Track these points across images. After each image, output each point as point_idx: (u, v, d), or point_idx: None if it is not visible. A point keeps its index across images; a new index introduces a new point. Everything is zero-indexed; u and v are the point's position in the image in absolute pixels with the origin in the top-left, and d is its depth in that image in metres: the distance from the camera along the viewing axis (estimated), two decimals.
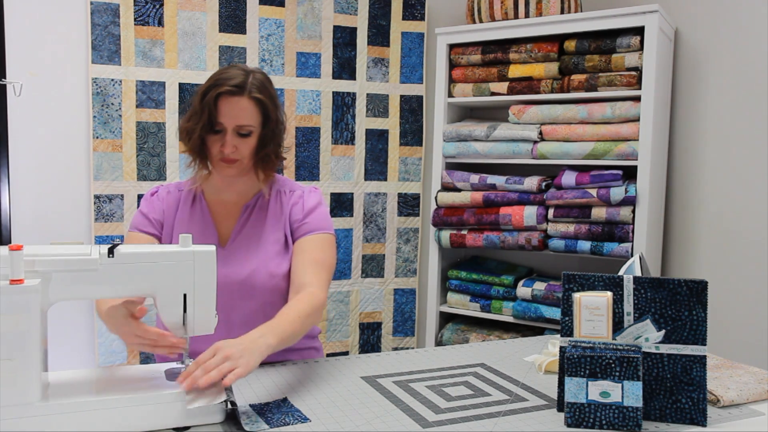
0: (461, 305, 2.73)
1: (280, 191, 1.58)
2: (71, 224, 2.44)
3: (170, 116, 2.51)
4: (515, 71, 2.55)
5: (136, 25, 2.44)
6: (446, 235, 2.66)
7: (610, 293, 1.18)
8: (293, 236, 1.53)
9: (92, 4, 2.38)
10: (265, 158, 1.51)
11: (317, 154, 2.74)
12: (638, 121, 2.28)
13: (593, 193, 2.33)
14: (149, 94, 2.48)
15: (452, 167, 2.73)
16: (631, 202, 2.27)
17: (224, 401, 1.12)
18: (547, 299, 2.48)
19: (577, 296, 1.18)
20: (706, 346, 1.16)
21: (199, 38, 2.54)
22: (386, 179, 2.87)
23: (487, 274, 2.66)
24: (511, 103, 2.62)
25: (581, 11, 2.57)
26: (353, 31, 2.77)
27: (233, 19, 2.58)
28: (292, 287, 1.46)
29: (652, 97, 2.25)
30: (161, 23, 2.48)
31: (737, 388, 1.27)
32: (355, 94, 2.78)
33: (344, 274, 2.82)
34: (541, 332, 2.51)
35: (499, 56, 2.57)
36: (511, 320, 2.60)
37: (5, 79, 2.26)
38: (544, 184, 2.47)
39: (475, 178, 2.59)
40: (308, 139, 2.72)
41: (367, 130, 2.82)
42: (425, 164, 2.91)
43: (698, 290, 1.17)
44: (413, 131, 2.89)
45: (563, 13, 2.47)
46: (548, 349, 1.50)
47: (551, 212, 2.44)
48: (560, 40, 2.47)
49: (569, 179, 2.38)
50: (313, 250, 1.49)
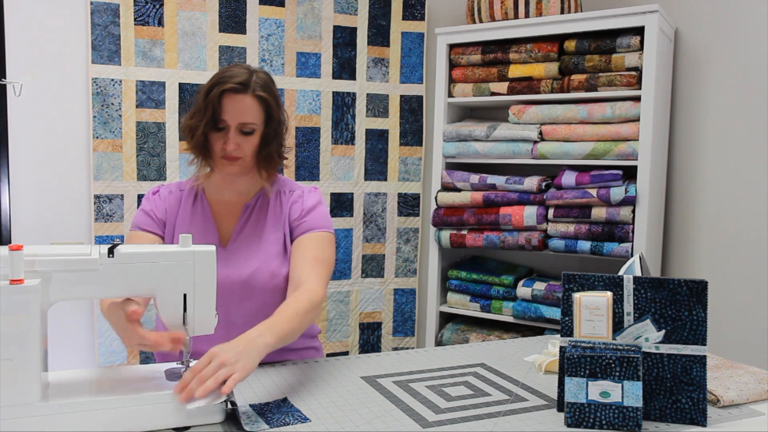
0: (461, 305, 2.73)
1: (280, 191, 1.58)
2: (71, 224, 2.44)
3: (170, 116, 2.51)
4: (515, 71, 2.55)
5: (136, 25, 2.44)
6: (446, 235, 2.66)
7: (610, 293, 1.18)
8: (292, 235, 1.53)
9: (92, 4, 2.38)
10: (267, 157, 1.52)
11: (317, 154, 2.74)
12: (638, 121, 2.29)
13: (593, 193, 2.33)
14: (149, 94, 2.48)
15: (452, 167, 2.73)
16: (631, 202, 2.27)
17: (224, 401, 1.12)
18: (547, 299, 2.48)
19: (577, 296, 1.18)
20: (706, 346, 1.16)
21: (199, 38, 2.54)
22: (386, 179, 2.87)
23: (487, 274, 2.66)
24: (511, 103, 2.62)
25: (581, 11, 2.57)
26: (353, 31, 2.77)
27: (233, 19, 2.58)
28: (290, 284, 1.45)
29: (652, 97, 2.25)
30: (161, 23, 2.48)
31: (737, 388, 1.27)
32: (355, 94, 2.78)
33: (344, 274, 2.82)
34: (541, 332, 2.51)
35: (499, 56, 2.57)
36: (511, 320, 2.60)
37: (5, 79, 2.26)
38: (544, 184, 2.47)
39: (475, 178, 2.59)
40: (308, 139, 2.72)
41: (367, 130, 2.82)
42: (425, 164, 2.91)
43: (698, 290, 1.17)
44: (413, 131, 2.89)
45: (563, 13, 2.47)
46: (548, 349, 1.50)
47: (551, 212, 2.44)
48: (560, 40, 2.47)
49: (569, 179, 2.38)
50: (312, 247, 1.48)
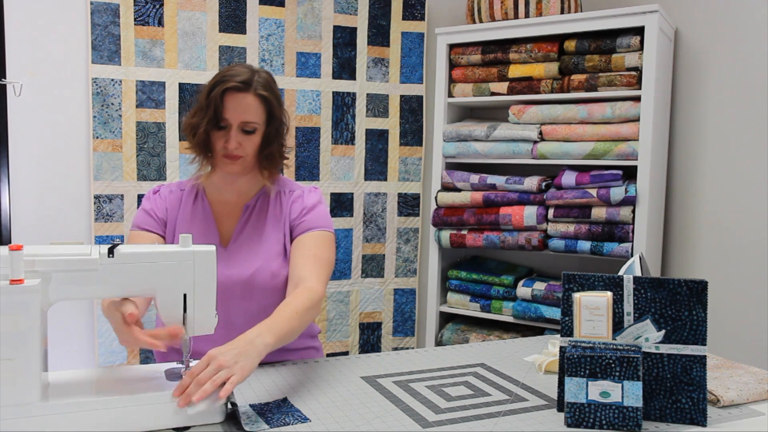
0: (461, 305, 2.73)
1: (280, 191, 1.58)
2: (71, 224, 2.44)
3: (170, 116, 2.51)
4: (515, 71, 2.55)
5: (136, 25, 2.44)
6: (446, 235, 2.66)
7: (610, 293, 1.18)
8: (292, 234, 1.53)
9: (92, 4, 2.38)
10: (269, 156, 1.52)
11: (317, 154, 2.74)
12: (638, 121, 2.28)
13: (593, 193, 2.33)
14: (149, 94, 2.48)
15: (452, 167, 2.73)
16: (631, 202, 2.27)
17: (225, 402, 1.12)
18: (547, 299, 2.48)
19: (577, 296, 1.18)
20: (706, 346, 1.16)
21: (199, 38, 2.54)
22: (386, 179, 2.87)
23: (487, 274, 2.66)
24: (511, 103, 2.62)
25: (581, 11, 2.57)
26: (353, 31, 2.77)
27: (233, 19, 2.58)
28: (290, 282, 1.45)
29: (652, 97, 2.25)
30: (161, 23, 2.48)
31: (737, 388, 1.27)
32: (355, 94, 2.78)
33: (344, 274, 2.82)
34: (541, 332, 2.51)
35: (499, 56, 2.57)
36: (511, 320, 2.60)
37: (5, 79, 2.26)
38: (544, 184, 2.47)
39: (475, 178, 2.59)
40: (308, 139, 2.72)
41: (367, 130, 2.82)
42: (425, 164, 2.91)
43: (698, 290, 1.17)
44: (413, 131, 2.89)
45: (563, 13, 2.47)
46: (548, 349, 1.50)
47: (551, 212, 2.44)
48: (560, 40, 2.47)
49: (569, 179, 2.38)
50: (312, 246, 1.48)
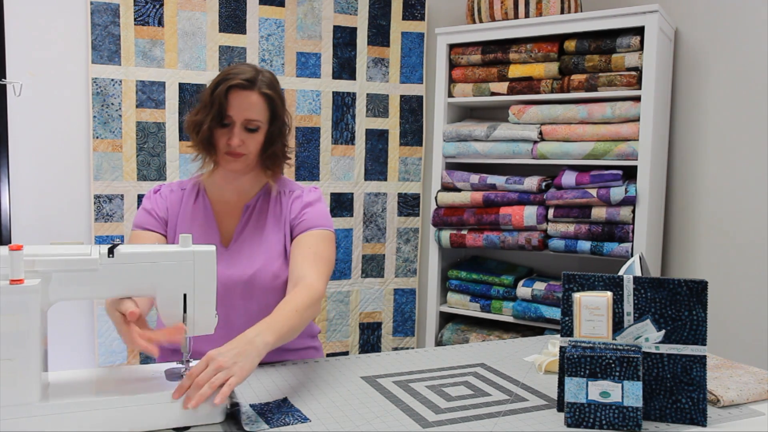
0: (461, 305, 2.73)
1: (280, 192, 1.59)
2: (71, 224, 2.44)
3: (170, 116, 2.51)
4: (515, 71, 2.55)
5: (136, 25, 2.44)
6: (446, 235, 2.66)
7: (610, 293, 1.18)
8: (292, 233, 1.53)
9: (92, 4, 2.38)
10: (273, 156, 1.53)
11: (317, 154, 2.74)
12: (638, 121, 2.28)
13: (593, 193, 2.33)
14: (149, 94, 2.48)
15: (452, 167, 2.73)
16: (631, 202, 2.27)
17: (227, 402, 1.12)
18: (547, 299, 2.47)
19: (577, 296, 1.18)
20: (706, 346, 1.16)
21: (199, 38, 2.54)
22: (386, 179, 2.87)
23: (487, 274, 2.66)
24: (511, 103, 2.62)
25: (581, 11, 2.57)
26: (353, 31, 2.77)
27: (233, 19, 2.58)
28: (290, 281, 1.45)
29: (652, 97, 2.25)
30: (161, 23, 2.48)
31: (737, 388, 1.27)
32: (355, 94, 2.78)
33: (344, 274, 2.82)
34: (541, 332, 2.51)
35: (499, 56, 2.57)
36: (511, 320, 2.60)
37: (5, 79, 2.26)
38: (544, 184, 2.47)
39: (475, 178, 2.59)
40: (308, 139, 2.72)
41: (367, 130, 2.82)
42: (425, 164, 2.91)
43: (698, 290, 1.17)
44: (413, 131, 2.89)
45: (563, 13, 2.47)
46: (548, 349, 1.50)
47: (551, 212, 2.44)
48: (560, 40, 2.47)
49: (569, 179, 2.38)
50: (311, 244, 1.49)
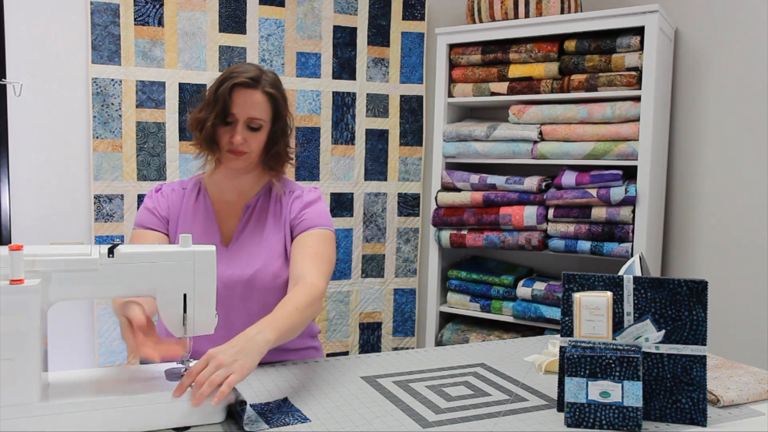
0: (461, 305, 2.72)
1: (280, 192, 1.59)
2: (71, 224, 2.44)
3: (170, 116, 2.51)
4: (515, 71, 2.55)
5: (136, 25, 2.44)
6: (446, 235, 2.66)
7: (610, 293, 1.18)
8: (293, 233, 1.54)
9: (92, 4, 2.38)
10: (276, 156, 1.54)
11: (317, 154, 2.74)
12: (638, 121, 2.28)
13: (593, 193, 2.33)
14: (149, 94, 2.48)
15: (452, 167, 2.73)
16: (631, 202, 2.27)
17: (234, 400, 1.12)
18: (547, 299, 2.47)
19: (577, 296, 1.18)
20: (706, 346, 1.16)
21: (199, 38, 2.54)
22: (386, 179, 2.87)
23: (487, 274, 2.66)
24: (511, 103, 2.62)
25: (581, 11, 2.57)
26: (353, 31, 2.77)
27: (233, 19, 2.58)
28: (290, 280, 1.45)
29: (652, 97, 2.25)
30: (161, 23, 2.48)
31: (737, 388, 1.27)
32: (355, 94, 2.78)
33: (344, 274, 2.82)
34: (541, 332, 2.51)
35: (499, 56, 2.57)
36: (511, 320, 2.60)
37: (5, 79, 2.26)
38: (544, 184, 2.47)
39: (475, 178, 2.59)
40: (308, 139, 2.72)
41: (367, 130, 2.82)
42: (425, 164, 2.91)
43: (698, 290, 1.17)
44: (413, 131, 2.89)
45: (563, 13, 2.47)
46: (548, 349, 1.50)
47: (551, 212, 2.44)
48: (560, 40, 2.47)
49: (569, 179, 2.38)
50: (312, 244, 1.49)
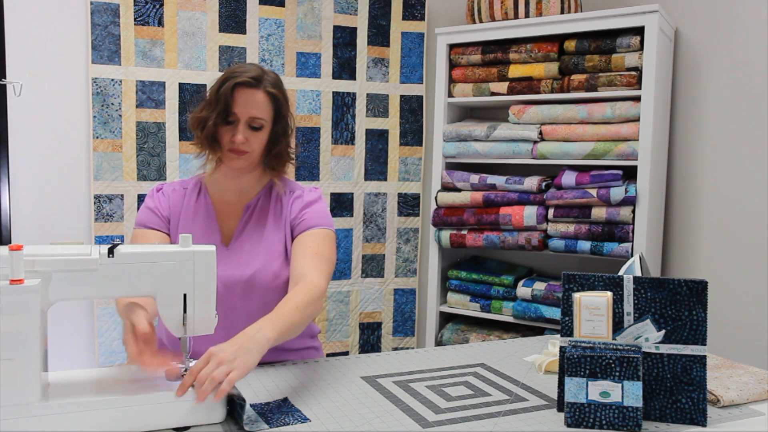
0: (461, 305, 2.72)
1: (280, 192, 1.59)
2: (71, 224, 2.44)
3: (170, 116, 2.51)
4: (515, 71, 2.55)
5: (136, 25, 2.44)
6: (446, 235, 2.66)
7: (610, 293, 1.18)
8: (293, 233, 1.54)
9: (92, 4, 2.38)
10: (278, 156, 1.55)
11: (317, 154, 2.74)
12: (638, 121, 2.28)
13: (593, 193, 2.33)
14: (149, 94, 2.48)
15: (452, 167, 2.73)
16: (631, 202, 2.27)
17: (235, 396, 1.13)
18: (547, 299, 2.47)
19: (577, 296, 1.18)
20: (706, 346, 1.16)
21: (199, 38, 2.54)
22: (386, 179, 2.87)
23: (487, 274, 2.66)
24: (511, 103, 2.62)
25: (581, 11, 2.57)
26: (353, 31, 2.77)
27: (233, 19, 2.58)
28: (291, 280, 1.45)
29: (652, 97, 2.25)
30: (161, 23, 2.48)
31: (737, 388, 1.27)
32: (355, 94, 2.78)
33: (344, 274, 2.82)
34: (541, 332, 2.51)
35: (499, 56, 2.57)
36: (511, 320, 2.60)
37: (5, 79, 2.26)
38: (544, 184, 2.47)
39: (475, 178, 2.59)
40: (308, 139, 2.72)
41: (367, 130, 2.82)
42: (425, 164, 2.91)
43: (698, 290, 1.17)
44: (413, 131, 2.89)
45: (563, 13, 2.47)
46: (548, 349, 1.50)
47: (551, 212, 2.44)
48: (560, 40, 2.47)
49: (569, 179, 2.38)
50: (312, 243, 1.50)
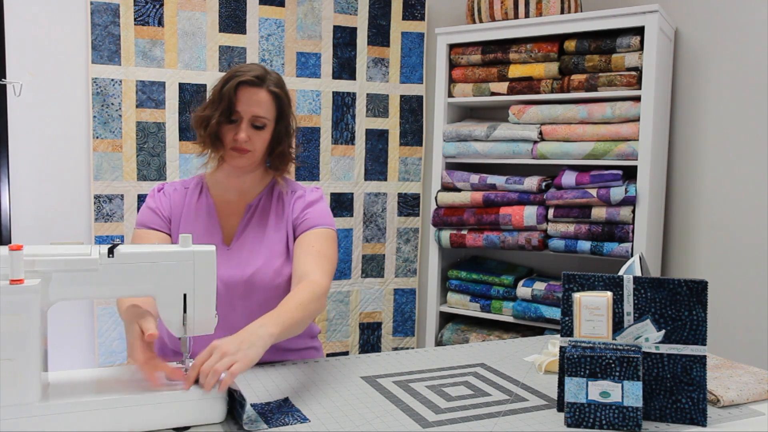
0: (461, 305, 2.72)
1: (282, 192, 1.60)
2: (71, 224, 2.44)
3: (170, 116, 2.51)
4: (515, 71, 2.55)
5: (136, 25, 2.44)
6: (446, 235, 2.66)
7: (610, 293, 1.18)
8: (295, 233, 1.55)
9: (92, 4, 2.38)
10: (281, 155, 1.56)
11: (317, 154, 2.74)
12: (638, 121, 2.28)
13: (593, 193, 2.33)
14: (149, 94, 2.48)
15: (452, 167, 2.73)
16: (631, 202, 2.27)
17: (236, 391, 1.13)
18: (547, 299, 2.47)
19: (577, 296, 1.18)
20: (706, 346, 1.16)
21: (199, 38, 2.53)
22: (386, 179, 2.87)
23: (487, 274, 2.66)
24: (511, 103, 2.62)
25: (581, 11, 2.57)
26: (353, 31, 2.77)
27: (233, 19, 2.58)
28: (294, 279, 1.47)
29: (652, 97, 2.25)
30: (161, 23, 2.48)
31: (737, 388, 1.27)
32: (355, 94, 2.78)
33: (344, 274, 2.82)
34: (541, 332, 2.51)
35: (499, 56, 2.57)
36: (511, 320, 2.60)
37: (5, 79, 2.26)
38: (544, 184, 2.47)
39: (475, 178, 2.59)
40: (308, 139, 2.72)
41: (367, 130, 2.82)
42: (425, 164, 2.91)
43: (698, 290, 1.17)
44: (413, 131, 2.89)
45: (563, 13, 2.47)
46: (548, 349, 1.50)
47: (551, 212, 2.44)
48: (560, 40, 2.47)
49: (569, 179, 2.38)
50: (314, 243, 1.50)
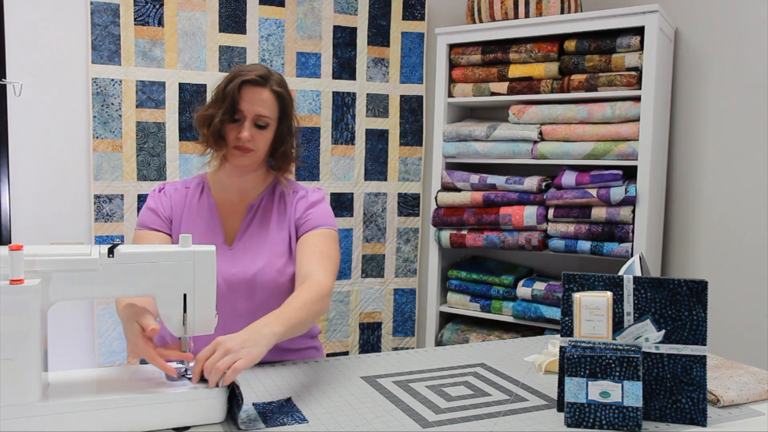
0: (461, 305, 2.72)
1: (284, 192, 1.60)
2: (71, 224, 2.44)
3: (170, 116, 2.51)
4: (515, 71, 2.55)
5: (136, 25, 2.44)
6: (446, 235, 2.66)
7: (610, 293, 1.18)
8: (297, 233, 1.55)
9: (92, 4, 2.38)
10: (284, 155, 1.57)
11: (317, 154, 2.74)
12: (638, 121, 2.28)
13: (593, 193, 2.33)
14: (149, 94, 2.48)
15: (452, 167, 2.73)
16: (631, 202, 2.27)
17: (235, 389, 1.13)
18: (547, 299, 2.47)
19: (577, 296, 1.18)
20: (706, 346, 1.16)
21: (199, 38, 2.53)
22: (386, 179, 2.87)
23: (487, 274, 2.66)
24: (511, 103, 2.62)
25: (581, 11, 2.57)
26: (353, 31, 2.77)
27: (233, 19, 2.58)
28: (297, 279, 1.47)
29: (652, 97, 2.25)
30: (161, 23, 2.48)
31: (737, 388, 1.27)
32: (355, 94, 2.78)
33: (344, 274, 2.82)
34: (541, 332, 2.51)
35: (499, 56, 2.57)
36: (511, 320, 2.60)
37: (5, 79, 2.26)
38: (544, 184, 2.47)
39: (475, 178, 2.59)
40: (308, 139, 2.72)
41: (367, 130, 2.82)
42: (425, 164, 2.91)
43: (698, 290, 1.17)
44: (413, 131, 2.89)
45: (563, 13, 2.47)
46: (548, 349, 1.50)
47: (551, 212, 2.44)
48: (560, 40, 2.47)
49: (569, 179, 2.38)
50: (317, 243, 1.51)
